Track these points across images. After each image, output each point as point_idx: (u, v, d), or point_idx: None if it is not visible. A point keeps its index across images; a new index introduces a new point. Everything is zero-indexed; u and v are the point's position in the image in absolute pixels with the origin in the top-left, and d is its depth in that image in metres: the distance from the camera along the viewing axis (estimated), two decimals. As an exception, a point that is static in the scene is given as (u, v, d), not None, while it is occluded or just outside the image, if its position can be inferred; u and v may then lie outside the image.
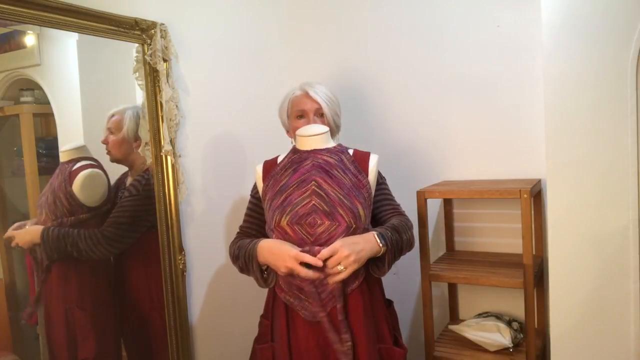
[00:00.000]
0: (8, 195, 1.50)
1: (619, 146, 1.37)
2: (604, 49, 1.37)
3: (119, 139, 1.69)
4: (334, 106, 1.68)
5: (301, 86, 1.69)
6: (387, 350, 1.49)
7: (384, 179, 1.72)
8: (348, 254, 1.32)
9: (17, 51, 1.48)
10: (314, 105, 1.64)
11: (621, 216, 1.39)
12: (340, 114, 1.73)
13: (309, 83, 1.70)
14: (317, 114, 1.65)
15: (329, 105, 1.65)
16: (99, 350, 1.62)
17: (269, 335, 1.54)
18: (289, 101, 1.70)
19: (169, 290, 1.75)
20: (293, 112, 1.67)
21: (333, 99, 1.69)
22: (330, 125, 1.65)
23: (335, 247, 1.34)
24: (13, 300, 1.52)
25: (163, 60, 1.70)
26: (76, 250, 1.58)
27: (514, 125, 1.96)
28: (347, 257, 1.32)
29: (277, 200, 1.49)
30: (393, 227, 1.47)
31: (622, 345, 1.41)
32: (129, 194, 1.70)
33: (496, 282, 1.72)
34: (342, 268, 1.33)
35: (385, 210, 1.61)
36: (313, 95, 1.64)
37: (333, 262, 1.33)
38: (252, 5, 2.21)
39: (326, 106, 1.65)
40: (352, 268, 1.34)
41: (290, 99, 1.69)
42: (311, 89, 1.66)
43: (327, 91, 1.68)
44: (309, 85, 1.68)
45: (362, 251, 1.35)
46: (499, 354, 1.78)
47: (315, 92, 1.64)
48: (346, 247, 1.33)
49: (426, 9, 2.10)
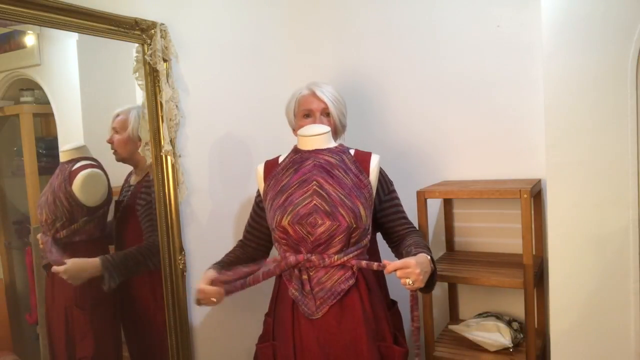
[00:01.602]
0: (8, 195, 1.50)
1: (619, 146, 1.37)
2: (604, 49, 1.37)
3: (124, 138, 1.70)
4: (340, 106, 1.71)
5: (308, 86, 1.72)
6: (387, 349, 1.49)
7: (392, 185, 1.73)
8: (419, 272, 1.34)
9: (17, 51, 1.48)
10: (320, 104, 1.67)
11: (621, 216, 1.39)
12: (346, 114, 1.75)
13: (316, 83, 1.72)
14: (324, 114, 1.68)
15: (335, 105, 1.68)
16: (98, 349, 1.62)
17: (270, 334, 1.54)
18: (295, 100, 1.72)
19: (169, 290, 1.75)
20: (300, 111, 1.69)
21: (339, 98, 1.71)
22: (336, 125, 1.68)
23: (410, 263, 1.35)
24: (13, 300, 1.52)
25: (163, 60, 1.70)
26: (143, 265, 1.73)
27: (514, 125, 1.96)
28: (418, 275, 1.34)
29: (278, 200, 1.50)
30: (428, 248, 1.52)
31: (622, 345, 1.41)
32: (145, 202, 1.74)
33: (496, 282, 1.72)
34: (410, 283, 1.35)
35: (401, 224, 1.66)
36: (320, 95, 1.67)
37: (402, 274, 1.35)
38: (252, 6, 2.21)
39: (332, 106, 1.67)
40: (417, 285, 1.36)
41: (297, 98, 1.72)
42: (318, 88, 1.68)
43: (334, 91, 1.71)
44: (316, 85, 1.70)
45: (426, 273, 1.39)
46: (499, 354, 1.78)
47: (322, 92, 1.67)
48: (419, 266, 1.35)
49: (426, 9, 2.10)
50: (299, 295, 1.46)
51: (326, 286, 1.44)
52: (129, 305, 1.75)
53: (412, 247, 1.48)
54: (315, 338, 1.44)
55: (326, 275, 1.44)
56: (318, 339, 1.44)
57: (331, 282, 1.44)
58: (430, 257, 1.44)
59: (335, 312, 1.44)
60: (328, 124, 1.65)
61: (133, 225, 1.74)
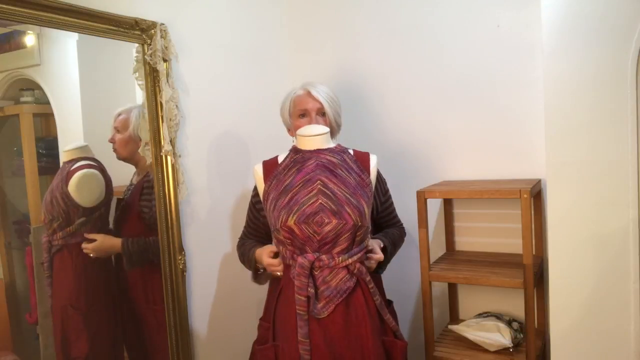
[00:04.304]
0: (8, 195, 1.50)
1: (619, 146, 1.37)
2: (604, 49, 1.37)
3: (125, 138, 1.70)
4: (336, 106, 1.72)
5: (303, 85, 1.72)
6: (390, 343, 1.52)
7: (387, 184, 1.81)
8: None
9: (17, 51, 1.48)
10: (315, 104, 1.67)
11: (621, 216, 1.39)
12: (341, 113, 1.76)
13: (310, 83, 1.73)
14: (319, 113, 1.69)
15: (330, 105, 1.69)
16: (92, 350, 1.62)
17: (269, 338, 1.54)
18: (290, 100, 1.72)
19: (169, 290, 1.75)
20: (295, 111, 1.70)
21: (334, 98, 1.72)
22: (331, 125, 1.69)
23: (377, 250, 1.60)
24: (13, 300, 1.52)
25: (163, 60, 1.70)
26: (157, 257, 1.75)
27: (514, 125, 1.96)
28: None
29: (282, 200, 1.49)
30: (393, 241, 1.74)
31: (622, 345, 1.41)
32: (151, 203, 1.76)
33: (496, 282, 1.72)
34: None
35: (392, 222, 1.83)
36: (315, 95, 1.68)
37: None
38: (252, 5, 2.21)
39: (328, 106, 1.68)
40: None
41: (292, 98, 1.72)
42: (313, 88, 1.69)
43: (329, 91, 1.72)
44: (311, 84, 1.71)
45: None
46: (499, 354, 1.78)
47: (317, 92, 1.68)
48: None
49: (426, 9, 2.10)
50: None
51: (331, 285, 1.44)
52: (127, 307, 1.76)
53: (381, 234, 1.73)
54: (322, 337, 1.44)
55: (330, 274, 1.45)
56: (325, 337, 1.44)
57: (336, 280, 1.44)
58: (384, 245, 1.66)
59: (342, 310, 1.44)
60: (324, 124, 1.67)
61: (131, 223, 1.74)
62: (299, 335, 1.42)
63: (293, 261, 1.45)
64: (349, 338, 1.44)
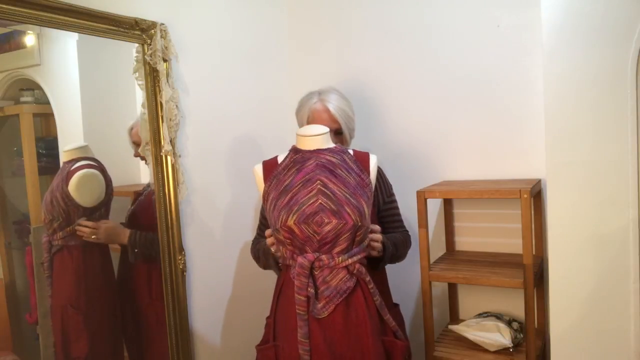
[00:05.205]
0: (8, 195, 1.50)
1: (619, 146, 1.37)
2: (604, 49, 1.37)
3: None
4: (351, 123, 1.79)
5: (321, 98, 1.77)
6: (390, 343, 1.52)
7: (392, 188, 1.85)
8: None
9: (17, 51, 1.48)
10: (333, 125, 1.73)
11: (621, 216, 1.39)
12: (355, 120, 1.82)
13: (327, 94, 1.78)
14: (337, 133, 1.75)
15: (348, 125, 1.77)
16: (92, 350, 1.62)
17: (270, 335, 1.54)
18: (309, 110, 1.76)
19: (169, 290, 1.75)
20: (313, 123, 1.74)
21: (350, 115, 1.79)
22: (346, 141, 1.77)
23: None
24: (13, 300, 1.52)
25: (163, 60, 1.70)
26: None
27: (514, 125, 1.96)
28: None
29: (282, 200, 1.49)
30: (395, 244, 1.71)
31: (622, 345, 1.41)
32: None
33: (496, 282, 1.72)
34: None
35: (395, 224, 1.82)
36: (334, 114, 1.74)
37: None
38: (252, 6, 2.21)
39: (345, 126, 1.76)
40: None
41: (310, 109, 1.76)
42: (331, 104, 1.74)
43: (344, 105, 1.78)
44: (327, 98, 1.76)
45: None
46: (499, 354, 1.78)
47: (335, 110, 1.74)
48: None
49: (426, 9, 2.10)
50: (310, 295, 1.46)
51: (331, 285, 1.44)
52: (129, 305, 1.76)
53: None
54: (322, 337, 1.44)
55: (331, 274, 1.45)
56: (325, 338, 1.44)
57: (336, 280, 1.45)
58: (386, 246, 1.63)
59: (342, 310, 1.44)
60: (339, 142, 1.72)
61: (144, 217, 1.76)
62: (298, 335, 1.42)
63: (293, 261, 1.45)
64: (348, 338, 1.44)
